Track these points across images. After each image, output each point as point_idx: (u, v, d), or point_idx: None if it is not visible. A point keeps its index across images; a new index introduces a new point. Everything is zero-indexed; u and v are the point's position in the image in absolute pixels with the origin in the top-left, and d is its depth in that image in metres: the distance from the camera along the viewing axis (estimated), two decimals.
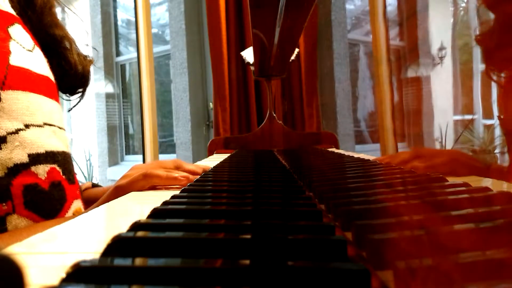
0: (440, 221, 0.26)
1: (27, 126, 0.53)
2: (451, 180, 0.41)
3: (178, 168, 0.67)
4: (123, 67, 4.48)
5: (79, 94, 0.74)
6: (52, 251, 0.30)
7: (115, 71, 4.43)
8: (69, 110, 0.68)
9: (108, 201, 0.57)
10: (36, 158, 0.53)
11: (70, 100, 0.73)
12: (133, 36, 3.37)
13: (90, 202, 0.75)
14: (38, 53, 0.59)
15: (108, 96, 4.41)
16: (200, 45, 3.36)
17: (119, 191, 0.59)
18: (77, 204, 0.60)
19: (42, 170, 0.54)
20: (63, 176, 0.57)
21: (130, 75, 4.54)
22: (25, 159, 0.52)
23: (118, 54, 4.46)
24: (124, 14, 4.52)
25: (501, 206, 0.30)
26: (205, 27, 2.86)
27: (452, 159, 0.46)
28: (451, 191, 0.36)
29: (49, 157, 0.55)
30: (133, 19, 2.61)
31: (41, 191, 0.53)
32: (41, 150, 0.54)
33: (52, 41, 0.67)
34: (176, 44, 3.44)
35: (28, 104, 0.54)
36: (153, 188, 0.64)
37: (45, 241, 0.32)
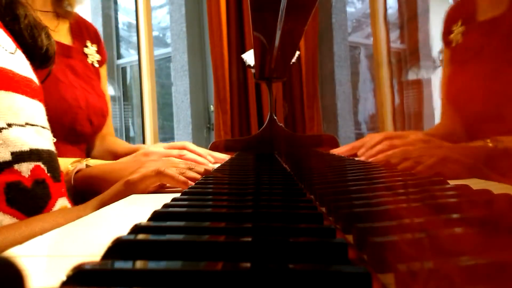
0: (441, 224, 0.26)
1: (9, 125, 0.54)
2: (452, 183, 0.41)
3: (190, 168, 0.67)
4: (124, 69, 4.48)
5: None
6: (53, 254, 0.30)
7: (116, 73, 4.44)
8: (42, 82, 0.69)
9: (117, 194, 0.58)
10: (20, 156, 0.54)
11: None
12: (134, 39, 3.38)
13: (88, 182, 0.76)
14: (20, 55, 0.60)
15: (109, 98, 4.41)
16: (201, 47, 3.36)
17: (129, 185, 0.59)
18: (63, 202, 0.60)
19: (25, 168, 0.54)
20: (48, 174, 0.58)
21: (131, 77, 4.55)
22: (8, 157, 0.52)
23: (119, 57, 4.46)
24: (125, 17, 4.53)
25: (502, 209, 0.30)
26: (206, 30, 2.87)
27: (443, 159, 0.46)
28: (452, 194, 0.36)
29: (33, 154, 0.56)
30: (134, 22, 2.62)
31: (24, 189, 0.53)
32: (25, 148, 0.54)
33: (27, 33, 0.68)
34: (177, 46, 3.44)
35: (11, 104, 0.54)
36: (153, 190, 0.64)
37: (46, 244, 0.32)
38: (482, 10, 0.43)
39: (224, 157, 1.08)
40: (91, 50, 1.06)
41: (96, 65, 1.08)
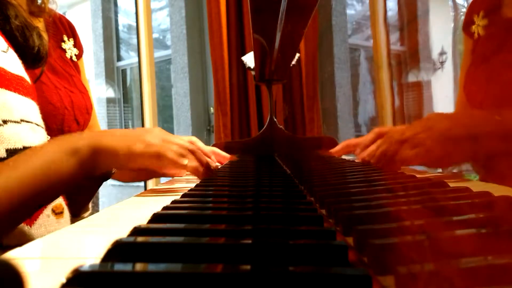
0: (442, 226, 0.26)
1: (4, 121, 0.54)
2: (453, 185, 0.41)
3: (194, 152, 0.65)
4: (124, 71, 4.49)
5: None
6: (52, 256, 0.30)
7: (116, 75, 4.45)
8: (35, 81, 0.70)
9: (116, 151, 0.56)
10: (14, 153, 0.54)
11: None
12: (134, 41, 3.38)
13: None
14: (12, 54, 0.61)
15: (109, 100, 4.42)
16: (201, 50, 3.37)
17: (131, 154, 0.57)
18: (57, 199, 0.61)
19: None
20: None
21: (131, 79, 4.56)
22: (3, 154, 0.53)
23: (119, 59, 4.47)
24: (125, 19, 4.54)
25: (502, 211, 0.30)
26: (206, 32, 2.87)
27: (443, 154, 0.46)
28: (452, 196, 0.36)
29: None
30: (134, 24, 2.62)
31: None
32: (19, 146, 0.55)
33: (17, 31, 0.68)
34: (177, 49, 3.45)
35: (5, 101, 0.55)
36: (153, 191, 0.64)
37: (45, 246, 0.32)
38: (508, 4, 0.42)
39: (227, 155, 1.08)
40: (68, 44, 1.06)
41: (75, 59, 1.07)
